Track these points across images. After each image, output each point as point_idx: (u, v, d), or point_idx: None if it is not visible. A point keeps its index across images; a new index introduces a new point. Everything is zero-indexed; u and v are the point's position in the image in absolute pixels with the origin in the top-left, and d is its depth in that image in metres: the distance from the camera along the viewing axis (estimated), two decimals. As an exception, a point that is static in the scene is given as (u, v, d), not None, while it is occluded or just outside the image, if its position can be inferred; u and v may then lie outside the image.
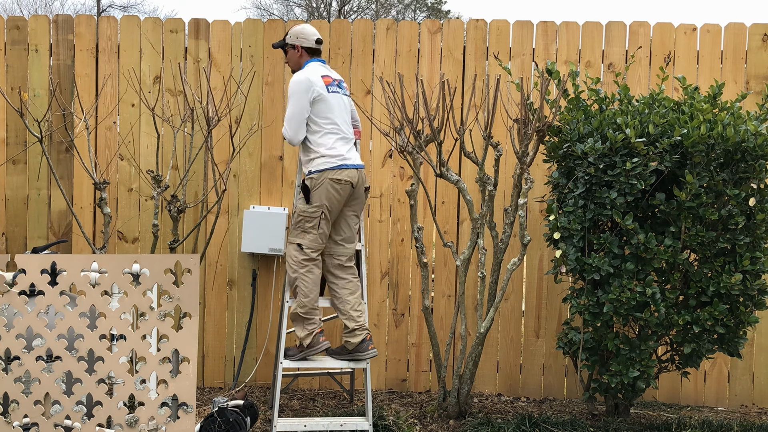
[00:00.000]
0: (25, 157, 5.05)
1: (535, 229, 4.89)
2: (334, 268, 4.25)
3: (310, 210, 4.10)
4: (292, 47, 4.34)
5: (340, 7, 28.77)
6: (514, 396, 5.02)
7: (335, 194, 4.11)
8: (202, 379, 5.09)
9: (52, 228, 5.07)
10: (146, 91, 4.94)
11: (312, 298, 4.13)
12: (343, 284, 4.24)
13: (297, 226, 4.15)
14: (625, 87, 4.24)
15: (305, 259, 4.12)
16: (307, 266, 4.13)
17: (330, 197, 4.10)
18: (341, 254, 4.26)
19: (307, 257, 4.12)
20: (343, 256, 4.26)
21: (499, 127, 4.84)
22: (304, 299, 4.13)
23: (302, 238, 4.12)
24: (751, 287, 3.99)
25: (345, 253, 4.27)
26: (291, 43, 4.34)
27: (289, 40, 4.36)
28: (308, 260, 4.13)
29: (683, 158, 3.92)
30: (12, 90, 4.99)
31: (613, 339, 4.05)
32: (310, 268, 4.13)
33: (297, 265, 4.13)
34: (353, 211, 4.29)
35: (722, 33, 4.90)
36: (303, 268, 4.12)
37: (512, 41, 4.97)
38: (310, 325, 4.15)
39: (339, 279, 4.24)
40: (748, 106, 4.78)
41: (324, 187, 4.09)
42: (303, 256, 4.12)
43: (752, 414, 4.77)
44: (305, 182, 4.13)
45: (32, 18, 5.06)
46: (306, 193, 4.11)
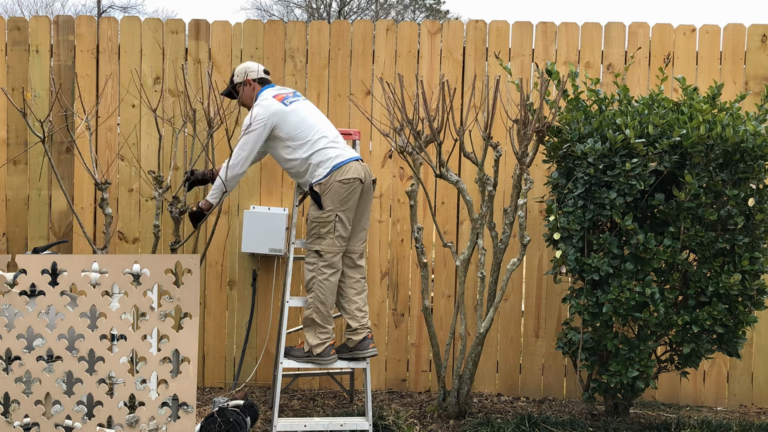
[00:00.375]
0: (25, 158, 5.06)
1: (535, 230, 4.90)
2: (345, 266, 4.23)
3: (324, 215, 4.05)
4: (243, 84, 4.31)
5: (340, 8, 28.80)
6: (514, 396, 5.03)
7: (346, 194, 4.07)
8: (202, 379, 5.10)
9: (53, 228, 5.08)
10: (147, 92, 4.95)
11: (328, 306, 4.12)
12: (351, 283, 4.23)
13: (312, 233, 4.11)
14: (625, 88, 4.25)
15: (324, 265, 4.08)
16: (326, 273, 4.09)
17: (342, 199, 4.07)
18: (353, 252, 4.24)
19: (327, 263, 4.08)
20: (355, 254, 4.25)
21: (499, 128, 4.85)
22: (320, 305, 4.10)
23: (319, 244, 4.08)
24: (750, 287, 4.00)
25: (357, 251, 4.26)
26: (239, 81, 4.31)
27: (237, 80, 4.33)
28: (327, 266, 4.08)
29: (682, 159, 3.93)
30: (13, 91, 5.00)
31: (612, 339, 4.06)
32: (329, 275, 4.09)
33: (315, 271, 4.09)
34: (362, 208, 4.24)
35: (721, 34, 4.91)
36: (321, 275, 4.08)
37: (512, 42, 4.99)
38: (323, 334, 4.13)
39: (347, 278, 4.23)
40: (747, 107, 4.79)
41: (334, 189, 4.05)
42: (322, 263, 4.07)
43: (751, 414, 4.78)
44: (314, 189, 4.07)
45: (33, 19, 5.07)
46: (316, 199, 4.06)
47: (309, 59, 5.07)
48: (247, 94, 4.32)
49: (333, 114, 5.05)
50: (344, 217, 4.09)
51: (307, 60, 5.07)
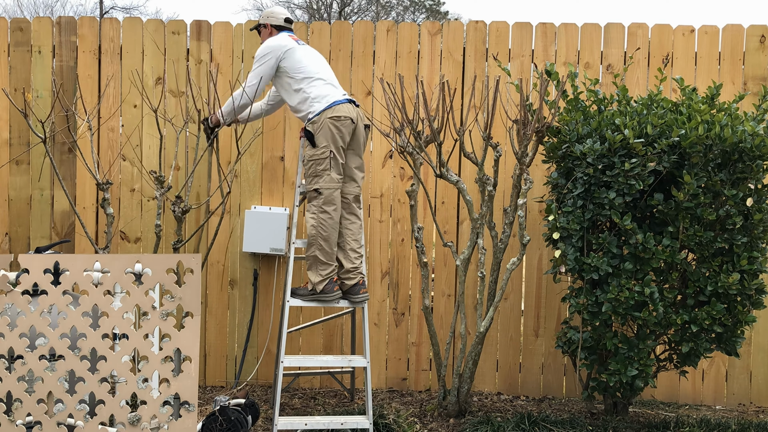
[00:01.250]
0: (28, 158, 5.09)
1: (535, 229, 4.92)
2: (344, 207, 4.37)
3: (318, 152, 4.19)
4: (264, 26, 4.57)
5: (341, 9, 28.81)
6: (514, 395, 5.05)
7: (338, 132, 4.20)
8: (203, 378, 5.12)
9: (55, 228, 5.10)
10: (149, 93, 4.97)
11: (331, 243, 4.22)
12: (347, 224, 4.36)
13: (309, 173, 4.24)
14: (624, 88, 4.27)
15: (324, 202, 4.18)
16: (327, 211, 4.20)
17: (334, 137, 4.19)
18: (347, 192, 4.36)
19: (327, 200, 4.19)
20: (349, 195, 4.37)
21: (499, 128, 4.88)
22: (323, 243, 4.20)
23: (317, 183, 4.19)
24: (748, 287, 4.01)
25: (351, 192, 4.38)
26: (263, 23, 4.58)
27: (261, 20, 4.61)
28: (327, 203, 4.19)
29: (681, 159, 3.95)
30: (15, 91, 5.02)
31: (611, 338, 4.08)
32: (331, 211, 4.21)
33: (317, 209, 4.20)
34: (354, 151, 4.37)
35: (720, 34, 4.92)
36: (323, 213, 4.19)
37: (512, 43, 5.00)
38: (325, 269, 4.22)
39: (343, 219, 4.34)
40: (746, 107, 4.81)
41: (326, 127, 4.18)
42: (322, 200, 4.18)
43: (750, 413, 4.80)
44: (307, 129, 4.24)
45: (35, 20, 5.09)
46: (310, 138, 4.21)
47: (310, 60, 5.09)
48: (264, 35, 4.57)
49: (333, 114, 5.07)
50: (338, 154, 4.22)
51: (308, 60, 5.09)
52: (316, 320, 4.94)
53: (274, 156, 5.08)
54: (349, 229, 4.36)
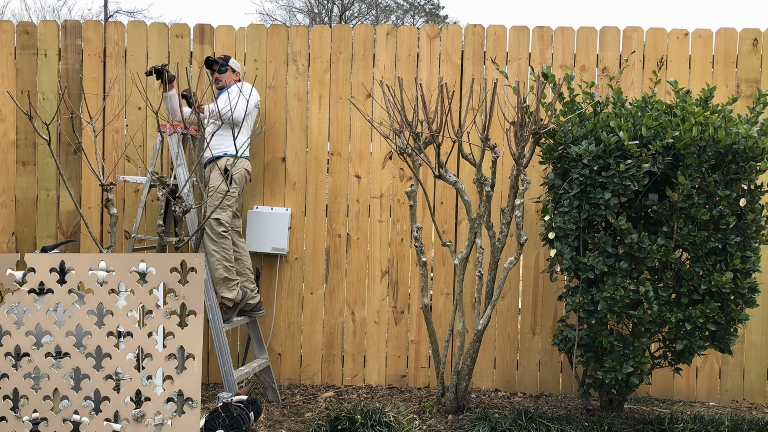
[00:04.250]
0: (34, 159, 5.16)
1: (532, 229, 4.98)
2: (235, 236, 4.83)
3: (231, 190, 4.63)
4: (233, 71, 4.89)
5: (341, 13, 28.82)
6: (511, 391, 5.11)
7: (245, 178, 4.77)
8: (207, 375, 5.18)
9: (61, 228, 5.17)
10: (152, 95, 5.04)
11: (231, 261, 4.66)
12: (242, 253, 4.83)
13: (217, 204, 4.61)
14: (618, 90, 4.31)
15: (224, 230, 4.60)
16: (226, 238, 4.61)
17: (243, 181, 4.74)
18: (238, 225, 4.87)
19: (225, 229, 4.61)
20: (239, 227, 4.89)
21: (496, 130, 4.94)
22: (226, 263, 4.61)
23: (219, 213, 4.57)
24: (741, 285, 4.03)
25: (239, 225, 4.90)
26: (236, 69, 4.91)
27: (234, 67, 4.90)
28: (226, 231, 4.61)
29: (675, 160, 3.98)
30: (22, 93, 5.09)
31: (607, 336, 4.11)
32: (227, 240, 4.63)
33: (216, 236, 4.58)
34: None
35: (713, 38, 4.98)
36: (222, 239, 4.60)
37: (509, 46, 5.07)
38: (233, 284, 4.64)
39: (238, 247, 4.82)
40: (739, 109, 4.86)
41: (241, 173, 4.70)
42: (222, 228, 4.59)
43: (743, 409, 4.86)
44: (227, 167, 4.59)
45: (42, 23, 5.16)
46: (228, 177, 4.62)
47: (311, 63, 5.16)
48: (231, 79, 4.89)
49: (334, 116, 5.14)
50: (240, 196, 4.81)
51: (309, 63, 5.16)
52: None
53: (276, 157, 5.15)
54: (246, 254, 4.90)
